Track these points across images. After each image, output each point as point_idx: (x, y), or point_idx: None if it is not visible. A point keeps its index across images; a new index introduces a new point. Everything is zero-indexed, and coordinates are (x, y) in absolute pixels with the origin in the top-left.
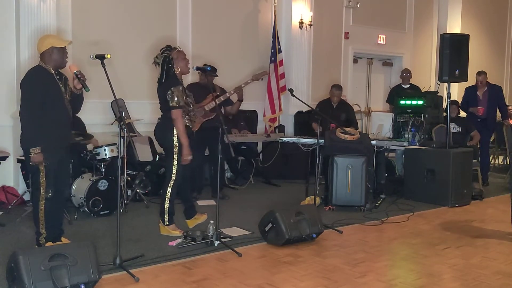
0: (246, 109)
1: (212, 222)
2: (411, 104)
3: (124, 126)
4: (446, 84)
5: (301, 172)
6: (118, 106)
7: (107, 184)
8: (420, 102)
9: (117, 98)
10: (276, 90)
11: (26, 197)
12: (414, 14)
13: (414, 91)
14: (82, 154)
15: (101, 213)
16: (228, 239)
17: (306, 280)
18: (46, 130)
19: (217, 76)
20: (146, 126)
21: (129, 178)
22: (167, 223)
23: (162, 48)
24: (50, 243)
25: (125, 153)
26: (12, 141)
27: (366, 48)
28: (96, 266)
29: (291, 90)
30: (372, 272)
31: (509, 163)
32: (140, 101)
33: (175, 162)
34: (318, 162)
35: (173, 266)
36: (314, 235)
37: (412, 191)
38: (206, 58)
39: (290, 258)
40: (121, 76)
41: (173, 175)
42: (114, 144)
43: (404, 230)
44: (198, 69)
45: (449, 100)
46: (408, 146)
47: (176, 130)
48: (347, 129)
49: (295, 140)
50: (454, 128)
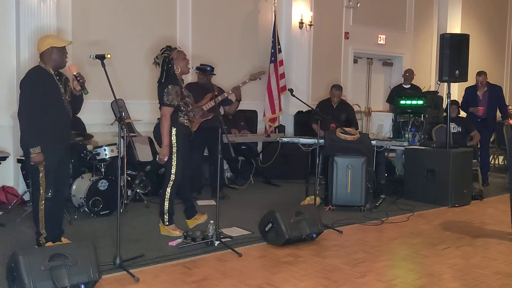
0: (246, 109)
1: (212, 222)
2: (411, 104)
3: (124, 126)
4: (446, 84)
5: (301, 172)
6: (118, 106)
7: (107, 184)
8: (420, 102)
9: (117, 98)
10: (276, 90)
11: (26, 197)
12: (414, 14)
13: (414, 91)
14: (82, 154)
15: (101, 213)
16: (228, 239)
17: (306, 280)
18: (45, 130)
19: (214, 74)
20: (146, 126)
21: (129, 178)
22: (167, 223)
23: (162, 48)
24: (50, 243)
25: (125, 153)
26: (12, 141)
27: (366, 48)
28: (96, 266)
29: (291, 90)
30: (372, 272)
31: (508, 163)
32: (140, 101)
33: (174, 162)
34: (318, 162)
35: (173, 266)
36: (314, 235)
37: (412, 191)
38: (206, 58)
39: (290, 258)
40: (121, 76)
41: (172, 175)
42: (114, 144)
43: (404, 230)
44: (198, 69)
45: (449, 100)
46: (408, 146)
47: (173, 129)
48: (347, 129)
49: (295, 140)
50: (454, 128)
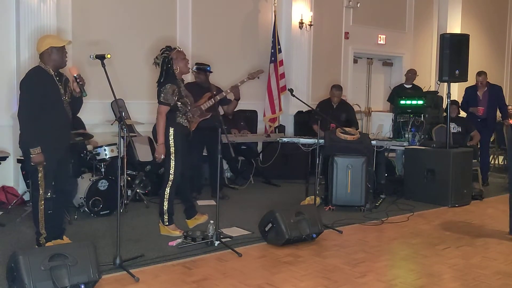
0: (246, 109)
1: (212, 222)
2: (411, 104)
3: (124, 126)
4: (446, 84)
5: (301, 172)
6: (118, 106)
7: (107, 184)
8: (420, 102)
9: (117, 98)
10: (276, 90)
11: (26, 197)
12: (414, 14)
13: (415, 91)
14: (82, 154)
15: (101, 213)
16: (228, 239)
17: (306, 280)
18: (45, 130)
19: (211, 72)
20: (146, 126)
21: (129, 178)
22: (167, 223)
23: (162, 48)
24: (50, 243)
25: (125, 153)
26: (12, 141)
27: (366, 48)
28: (96, 266)
29: (291, 90)
30: (372, 272)
31: (508, 163)
32: (140, 101)
33: (173, 163)
34: (318, 162)
35: (173, 266)
36: (314, 235)
37: (412, 191)
38: (206, 58)
39: (290, 258)
40: (121, 76)
41: (171, 175)
42: (114, 144)
43: (404, 230)
44: (198, 69)
45: (449, 100)
46: (408, 146)
47: (171, 129)
48: (347, 129)
49: (295, 140)
50: (454, 128)
